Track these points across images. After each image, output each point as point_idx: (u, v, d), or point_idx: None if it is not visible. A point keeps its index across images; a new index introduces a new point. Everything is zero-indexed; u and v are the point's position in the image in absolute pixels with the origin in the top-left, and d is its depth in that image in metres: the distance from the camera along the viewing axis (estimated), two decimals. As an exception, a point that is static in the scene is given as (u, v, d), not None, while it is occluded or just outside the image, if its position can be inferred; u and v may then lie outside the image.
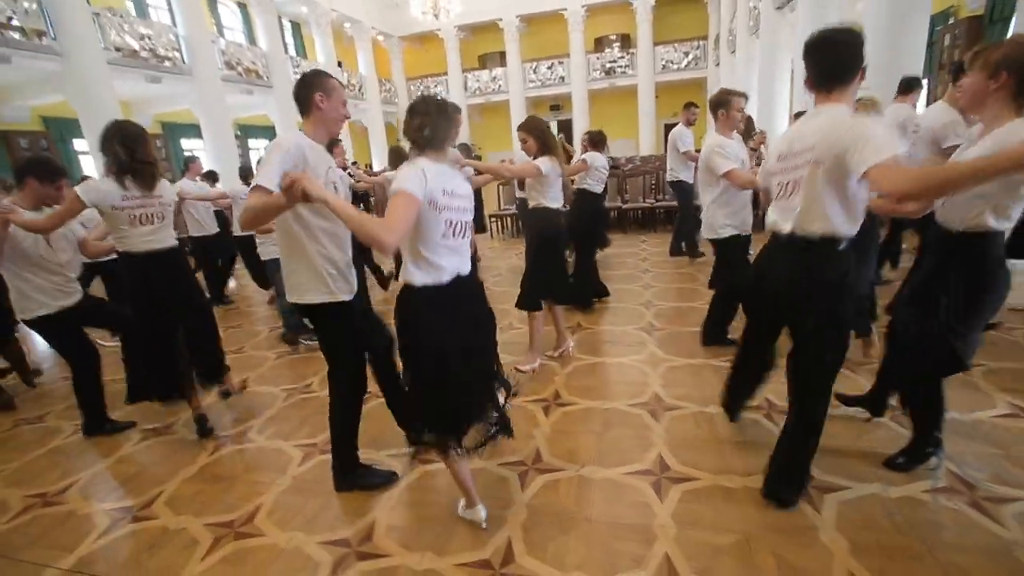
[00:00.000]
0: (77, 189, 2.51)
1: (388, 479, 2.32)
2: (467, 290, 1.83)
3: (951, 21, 8.91)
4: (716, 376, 3.02)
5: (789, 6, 9.77)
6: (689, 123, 5.59)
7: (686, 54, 16.36)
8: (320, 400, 3.26)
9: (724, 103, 3.10)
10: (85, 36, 8.29)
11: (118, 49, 9.32)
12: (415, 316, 1.73)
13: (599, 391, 3.00)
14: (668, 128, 16.87)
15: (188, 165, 5.72)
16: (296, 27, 16.15)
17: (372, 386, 2.30)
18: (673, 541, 1.83)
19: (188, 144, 12.63)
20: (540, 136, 3.19)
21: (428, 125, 1.68)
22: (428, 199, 1.62)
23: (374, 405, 2.69)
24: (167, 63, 10.19)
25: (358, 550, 1.94)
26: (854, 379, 2.75)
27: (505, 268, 6.42)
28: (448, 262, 1.73)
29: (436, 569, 1.80)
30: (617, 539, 1.87)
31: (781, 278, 1.81)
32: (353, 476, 2.29)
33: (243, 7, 14.05)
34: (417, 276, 1.70)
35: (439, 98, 1.74)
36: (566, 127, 17.73)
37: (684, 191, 5.73)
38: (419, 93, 15.17)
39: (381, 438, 2.63)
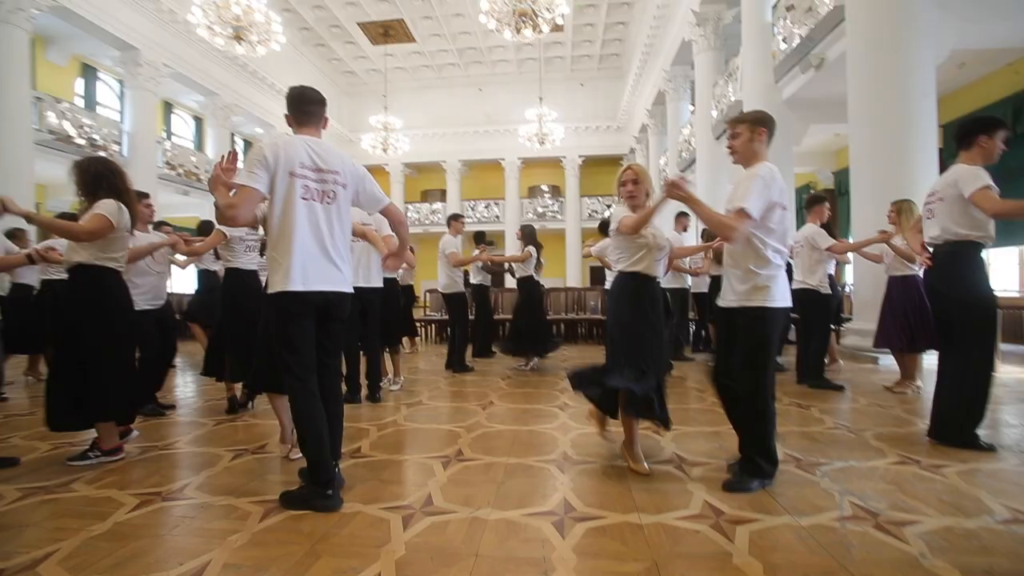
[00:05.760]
0: None
1: None
2: None
3: (812, 191, 11.00)
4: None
5: (690, 168, 11.59)
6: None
7: (608, 206, 18.44)
8: (183, 455, 2.76)
9: None
10: (16, 115, 8.16)
11: (51, 132, 9.22)
12: None
13: (504, 450, 2.75)
14: (594, 269, 18.39)
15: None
16: (248, 144, 16.86)
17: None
18: (573, 571, 1.56)
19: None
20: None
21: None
22: None
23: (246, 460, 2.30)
24: (101, 153, 10.11)
25: (175, 591, 1.49)
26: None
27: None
28: None
29: (275, 603, 1.41)
30: (508, 572, 1.57)
31: None
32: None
33: (199, 120, 14.67)
34: None
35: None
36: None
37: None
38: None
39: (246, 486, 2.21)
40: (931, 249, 2.81)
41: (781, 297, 2.16)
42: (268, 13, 8.52)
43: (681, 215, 6.20)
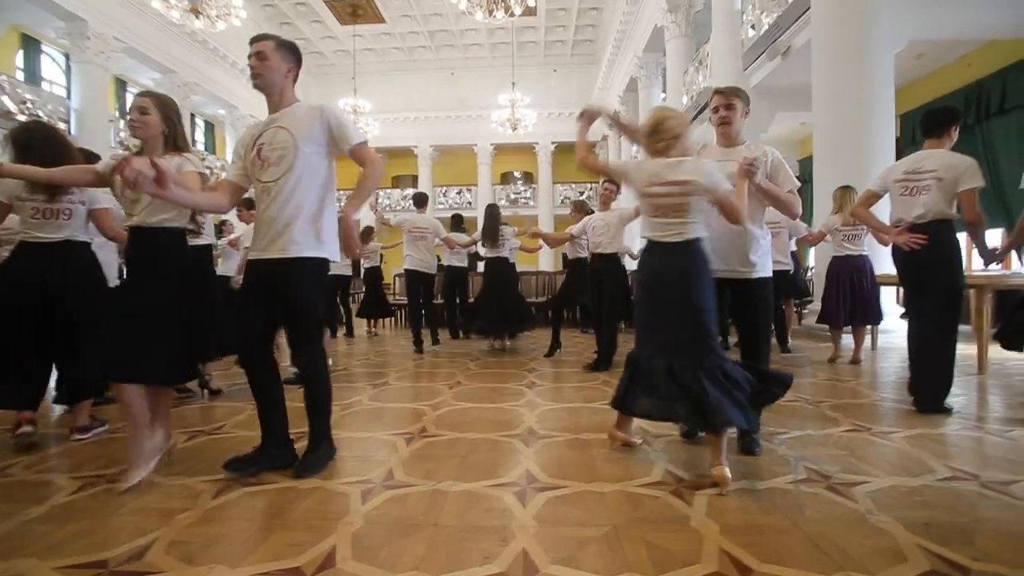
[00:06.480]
0: None
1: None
2: None
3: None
4: (594, 416, 2.91)
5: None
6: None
7: (581, 193, 18.50)
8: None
9: None
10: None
11: (-10, 107, 8.66)
12: None
13: (470, 426, 2.73)
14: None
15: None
16: (210, 127, 16.23)
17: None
18: (533, 538, 1.56)
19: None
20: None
21: None
22: None
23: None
24: (49, 130, 9.56)
25: (116, 570, 1.42)
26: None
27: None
28: None
29: (222, 578, 1.36)
30: (467, 540, 1.55)
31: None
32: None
33: (154, 99, 13.99)
34: None
35: None
36: (472, 247, 18.61)
37: None
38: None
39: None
40: (900, 226, 2.87)
41: None
42: (227, -14, 8.16)
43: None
